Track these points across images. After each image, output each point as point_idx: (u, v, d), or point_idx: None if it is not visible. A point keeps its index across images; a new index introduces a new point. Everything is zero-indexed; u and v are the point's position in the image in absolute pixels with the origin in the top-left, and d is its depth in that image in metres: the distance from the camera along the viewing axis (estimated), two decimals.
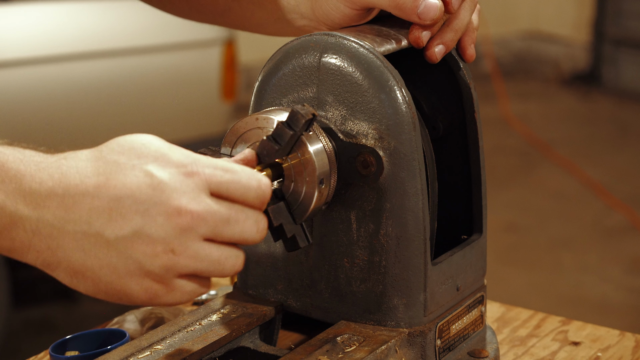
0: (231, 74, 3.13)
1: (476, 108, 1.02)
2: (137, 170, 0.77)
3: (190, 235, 0.77)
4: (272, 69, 0.97)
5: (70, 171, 0.77)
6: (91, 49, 2.88)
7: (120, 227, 0.76)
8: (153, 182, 0.77)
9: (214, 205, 0.78)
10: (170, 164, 0.78)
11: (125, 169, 0.77)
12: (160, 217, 0.76)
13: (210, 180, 0.78)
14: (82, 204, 0.76)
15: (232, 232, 0.79)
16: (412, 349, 0.95)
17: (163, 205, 0.76)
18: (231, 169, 0.80)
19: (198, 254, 0.78)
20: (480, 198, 1.04)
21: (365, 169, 0.93)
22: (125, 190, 0.76)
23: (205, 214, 0.77)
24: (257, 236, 0.81)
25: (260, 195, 0.80)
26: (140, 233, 0.76)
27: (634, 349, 1.10)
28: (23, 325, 3.08)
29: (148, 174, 0.77)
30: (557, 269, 3.65)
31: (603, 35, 5.98)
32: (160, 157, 0.78)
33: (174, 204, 0.76)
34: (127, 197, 0.76)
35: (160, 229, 0.76)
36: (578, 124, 5.43)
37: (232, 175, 0.79)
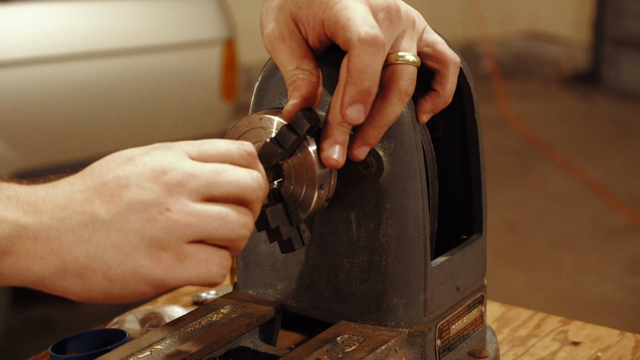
0: (231, 74, 3.13)
1: (476, 108, 1.02)
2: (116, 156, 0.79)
3: (181, 191, 0.76)
4: (272, 69, 0.97)
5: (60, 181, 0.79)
6: (91, 49, 2.89)
7: (113, 205, 0.76)
8: (132, 156, 0.78)
9: (200, 164, 0.78)
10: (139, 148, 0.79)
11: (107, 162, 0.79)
12: (147, 182, 0.76)
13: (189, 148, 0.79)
14: (74, 200, 0.77)
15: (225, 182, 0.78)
16: (412, 349, 0.95)
17: (146, 171, 0.77)
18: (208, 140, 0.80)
19: (196, 210, 0.76)
20: (480, 198, 1.04)
21: (365, 169, 0.93)
22: (109, 175, 0.77)
23: (191, 169, 0.77)
24: (254, 183, 0.79)
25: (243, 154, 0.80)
26: (132, 203, 0.76)
27: (634, 349, 1.10)
28: (23, 325, 3.08)
29: (125, 157, 0.78)
30: (557, 269, 3.65)
31: (603, 35, 5.98)
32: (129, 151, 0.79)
33: (158, 166, 0.77)
34: (111, 178, 0.77)
35: (150, 192, 0.76)
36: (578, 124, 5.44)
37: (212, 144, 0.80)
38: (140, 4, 3.06)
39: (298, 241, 0.89)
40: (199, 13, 3.11)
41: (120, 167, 0.78)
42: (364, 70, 0.84)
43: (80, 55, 2.87)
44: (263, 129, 0.89)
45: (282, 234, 0.88)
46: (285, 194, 0.90)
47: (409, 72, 0.88)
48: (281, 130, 0.86)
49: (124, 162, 0.78)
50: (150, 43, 3.00)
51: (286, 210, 0.89)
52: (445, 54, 0.93)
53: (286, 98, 0.96)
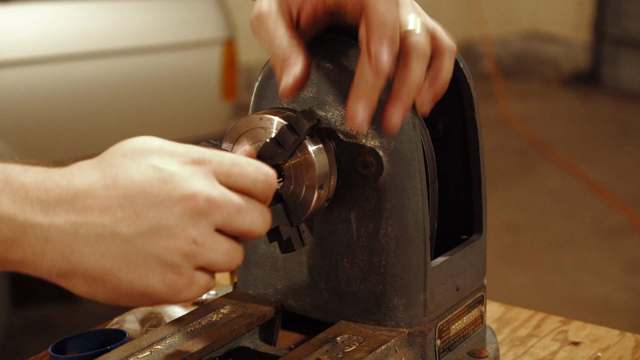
0: (231, 74, 3.13)
1: (476, 108, 1.02)
2: (144, 167, 0.76)
3: (206, 221, 0.76)
4: (272, 69, 0.97)
5: (75, 178, 0.76)
6: (91, 49, 2.89)
7: (137, 225, 0.75)
8: (163, 175, 0.76)
9: (227, 192, 0.77)
10: (175, 155, 0.77)
11: (131, 168, 0.76)
12: (176, 208, 0.75)
13: (219, 170, 0.78)
14: (92, 207, 0.75)
15: (242, 222, 0.78)
16: (412, 349, 0.95)
17: (176, 194, 0.75)
18: (238, 161, 0.79)
19: (214, 244, 0.77)
20: (480, 198, 1.04)
21: (365, 169, 0.93)
22: (134, 188, 0.75)
23: (220, 200, 0.76)
24: (262, 228, 0.80)
25: (266, 189, 0.80)
26: (158, 227, 0.75)
27: (634, 349, 1.10)
28: (23, 325, 3.08)
29: (156, 168, 0.76)
30: (557, 268, 3.65)
31: (603, 35, 5.98)
32: (164, 152, 0.77)
33: (189, 190, 0.75)
34: (137, 193, 0.75)
35: (177, 219, 0.75)
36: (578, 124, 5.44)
37: (240, 168, 0.79)
38: (140, 4, 3.07)
39: (298, 241, 0.89)
40: (199, 13, 3.11)
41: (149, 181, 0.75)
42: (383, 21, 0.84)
43: (80, 55, 2.87)
44: (263, 129, 0.89)
45: (282, 234, 0.88)
46: (285, 194, 0.90)
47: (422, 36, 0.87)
48: (281, 130, 0.86)
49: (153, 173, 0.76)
50: (150, 43, 3.00)
51: (286, 210, 0.89)
52: (442, 40, 0.92)
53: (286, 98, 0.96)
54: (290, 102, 0.96)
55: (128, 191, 0.75)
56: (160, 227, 0.75)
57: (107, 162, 0.77)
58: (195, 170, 0.77)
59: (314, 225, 0.97)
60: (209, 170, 0.77)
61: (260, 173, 0.80)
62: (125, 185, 0.75)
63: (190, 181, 0.76)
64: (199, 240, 0.76)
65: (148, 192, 0.75)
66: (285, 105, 0.96)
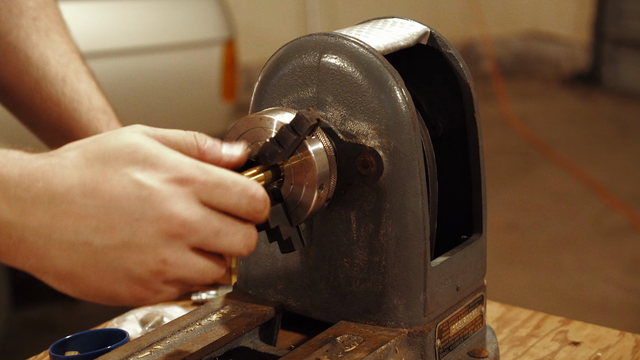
0: (231, 74, 3.13)
1: (476, 108, 1.02)
2: (126, 181, 0.75)
3: (180, 243, 0.76)
4: (272, 69, 0.97)
5: (55, 179, 0.76)
6: (91, 49, 2.88)
7: (109, 237, 0.75)
8: (142, 193, 0.75)
9: (206, 216, 0.77)
10: (160, 170, 0.76)
11: (112, 178, 0.76)
12: (150, 227, 0.75)
13: (202, 191, 0.77)
14: (68, 213, 0.75)
15: (220, 244, 0.78)
16: (412, 349, 0.95)
17: (153, 214, 0.75)
18: (223, 182, 0.78)
19: (187, 263, 0.77)
20: (480, 198, 1.04)
21: (365, 169, 0.93)
22: (113, 202, 0.75)
23: (196, 224, 0.76)
24: (244, 250, 0.80)
25: (250, 211, 0.79)
26: (130, 243, 0.75)
27: (634, 349, 1.10)
28: (23, 325, 3.08)
29: (137, 183, 0.75)
30: (557, 268, 3.65)
31: (603, 35, 5.98)
32: (150, 164, 0.76)
33: (166, 212, 0.75)
34: (115, 208, 0.75)
35: (150, 239, 0.75)
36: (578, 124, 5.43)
37: (224, 189, 0.78)
38: (141, 4, 3.06)
39: (298, 241, 0.89)
40: (199, 13, 3.11)
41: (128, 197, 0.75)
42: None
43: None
44: (263, 129, 0.89)
45: (282, 234, 0.88)
46: (285, 194, 0.90)
47: None
48: (281, 130, 0.86)
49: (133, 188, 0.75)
50: (150, 43, 3.00)
51: (286, 210, 0.89)
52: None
53: (286, 98, 0.96)
54: (290, 102, 0.96)
55: (105, 203, 0.75)
56: (132, 243, 0.75)
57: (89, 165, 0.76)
58: (177, 191, 0.76)
59: (314, 225, 0.97)
60: (191, 191, 0.77)
61: (244, 196, 0.78)
62: (104, 197, 0.75)
63: (169, 202, 0.75)
64: (170, 260, 0.76)
65: (125, 207, 0.75)
66: (285, 105, 0.96)
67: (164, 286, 0.78)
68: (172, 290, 0.79)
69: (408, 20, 1.03)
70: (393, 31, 1.00)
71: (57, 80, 1.26)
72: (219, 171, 0.78)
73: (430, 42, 1.02)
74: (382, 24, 1.02)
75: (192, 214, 0.76)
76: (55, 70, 1.27)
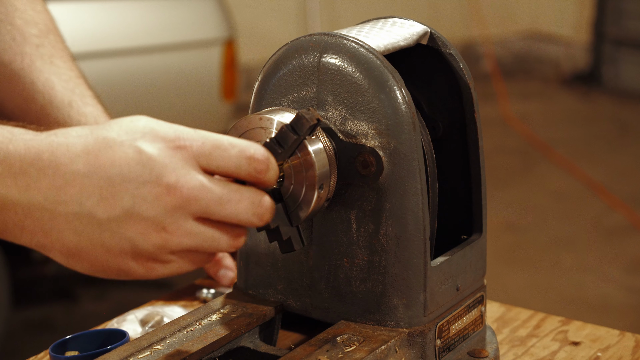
0: (231, 74, 3.13)
1: (476, 108, 1.02)
2: (126, 146, 0.76)
3: (181, 213, 0.76)
4: (272, 69, 0.97)
5: (60, 149, 0.77)
6: (91, 49, 2.89)
7: (112, 207, 0.76)
8: (142, 158, 0.76)
9: (206, 183, 0.76)
10: (158, 138, 0.77)
11: (114, 145, 0.77)
12: (150, 196, 0.75)
13: (200, 154, 0.77)
14: (72, 183, 0.76)
15: (225, 212, 0.77)
16: (412, 349, 0.95)
17: (153, 183, 0.76)
18: (220, 144, 0.78)
19: (191, 231, 0.77)
20: (480, 198, 1.04)
21: (365, 169, 0.93)
22: (114, 169, 0.76)
23: (196, 192, 0.76)
24: (254, 219, 0.79)
25: (252, 172, 0.78)
26: (132, 212, 0.76)
27: (634, 349, 1.10)
28: (23, 325, 3.08)
29: (137, 149, 0.76)
30: (557, 268, 3.65)
31: (603, 35, 5.98)
32: (148, 131, 0.77)
33: (164, 182, 0.75)
34: (116, 175, 0.76)
35: (150, 208, 0.76)
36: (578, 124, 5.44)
37: (222, 151, 0.78)
38: (140, 4, 3.06)
39: (298, 241, 0.89)
40: (199, 13, 3.11)
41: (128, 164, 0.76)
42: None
43: (80, 55, 2.86)
44: (263, 129, 0.89)
45: (282, 234, 0.88)
46: (285, 194, 0.90)
47: None
48: (281, 130, 0.86)
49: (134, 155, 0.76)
50: (150, 43, 3.00)
51: (286, 210, 0.89)
52: None
53: (286, 98, 0.96)
54: (291, 102, 0.96)
55: (108, 171, 0.76)
56: (134, 212, 0.76)
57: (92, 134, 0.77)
58: (175, 157, 0.76)
59: (314, 225, 0.97)
60: (190, 156, 0.77)
61: (243, 157, 0.78)
62: (105, 164, 0.76)
63: (167, 169, 0.76)
64: (170, 228, 0.76)
65: (125, 174, 0.76)
66: (285, 105, 0.96)
67: (172, 257, 0.78)
68: (182, 262, 0.78)
69: (408, 20, 1.03)
70: (393, 31, 1.00)
71: (64, 105, 1.28)
72: (216, 135, 0.79)
73: (430, 42, 1.02)
74: (382, 24, 1.02)
75: (191, 180, 0.76)
76: (62, 95, 1.28)
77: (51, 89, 1.28)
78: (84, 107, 1.28)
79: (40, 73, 1.28)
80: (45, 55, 1.29)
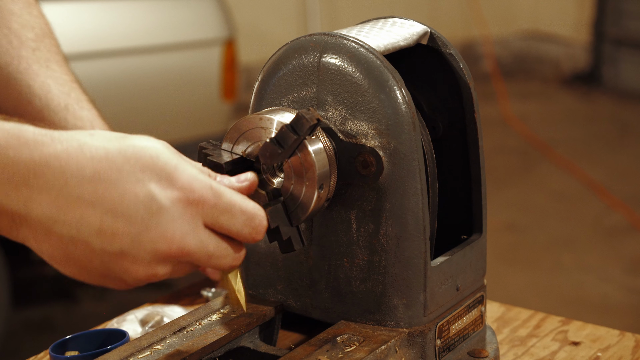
0: (231, 74, 3.13)
1: (476, 108, 1.02)
2: (139, 188, 0.76)
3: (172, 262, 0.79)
4: (272, 69, 0.97)
5: (70, 166, 0.75)
6: (91, 49, 2.88)
7: (109, 243, 0.76)
8: (152, 205, 0.76)
9: (205, 240, 0.79)
10: (173, 185, 0.77)
11: (127, 182, 0.76)
12: (150, 245, 0.77)
13: (209, 214, 0.79)
14: (75, 207, 0.76)
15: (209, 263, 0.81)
16: (412, 349, 0.95)
17: (156, 234, 0.77)
18: (231, 209, 0.80)
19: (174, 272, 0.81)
20: (480, 198, 1.04)
21: (365, 169, 0.93)
22: (122, 207, 0.76)
23: (193, 249, 0.79)
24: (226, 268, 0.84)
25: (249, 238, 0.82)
26: (127, 253, 0.77)
27: (634, 349, 1.10)
28: (23, 325, 3.08)
29: (149, 194, 0.76)
30: (557, 268, 3.65)
31: (603, 35, 5.98)
32: (165, 176, 0.77)
33: (168, 235, 0.77)
34: (122, 214, 0.76)
35: (147, 255, 0.77)
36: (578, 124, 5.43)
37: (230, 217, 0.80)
38: (140, 4, 3.06)
39: (298, 241, 0.89)
40: (199, 13, 3.11)
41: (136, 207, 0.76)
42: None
43: (80, 55, 2.87)
44: (263, 129, 0.89)
45: (282, 234, 0.88)
46: (285, 194, 0.90)
47: None
48: (281, 130, 0.86)
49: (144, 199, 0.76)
50: (150, 43, 3.00)
51: (286, 210, 0.89)
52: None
53: (286, 98, 0.96)
54: (291, 102, 0.96)
55: (114, 207, 0.76)
56: (129, 254, 0.77)
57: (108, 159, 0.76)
58: (184, 213, 0.77)
59: (314, 225, 0.97)
60: (199, 213, 0.78)
61: (248, 225, 0.81)
62: (113, 200, 0.76)
63: (174, 224, 0.77)
64: (160, 274, 0.79)
65: (132, 216, 0.76)
66: (285, 105, 0.96)
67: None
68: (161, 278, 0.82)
69: (408, 20, 1.03)
70: (393, 31, 1.00)
71: (60, 109, 1.28)
72: (229, 195, 0.80)
73: (430, 42, 1.02)
74: (382, 24, 1.02)
75: (192, 239, 0.78)
76: (58, 98, 1.29)
77: (48, 92, 1.28)
78: (80, 110, 1.29)
79: (37, 76, 1.28)
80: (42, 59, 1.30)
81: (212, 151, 0.89)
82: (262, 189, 0.91)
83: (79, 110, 1.29)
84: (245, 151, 0.90)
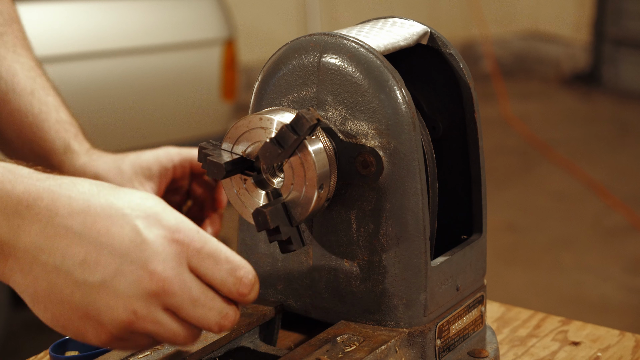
0: (231, 74, 3.13)
1: (476, 108, 1.02)
2: (125, 222, 0.76)
3: (155, 301, 0.76)
4: (272, 69, 0.97)
5: (61, 200, 0.77)
6: (91, 49, 2.89)
7: (91, 273, 0.76)
8: (136, 239, 0.76)
9: (189, 282, 0.77)
10: (159, 224, 0.77)
11: (115, 215, 0.76)
12: (131, 276, 0.76)
13: (193, 256, 0.77)
14: (62, 237, 0.76)
15: (194, 314, 0.78)
16: (412, 349, 0.95)
17: (138, 265, 0.75)
18: (216, 255, 0.78)
19: (158, 321, 0.77)
20: (480, 198, 1.04)
21: (365, 169, 0.93)
22: (107, 238, 0.76)
23: (176, 287, 0.76)
24: (214, 328, 0.79)
25: (234, 292, 0.79)
26: (108, 285, 0.76)
27: (634, 349, 1.10)
28: (23, 325, 3.08)
29: (135, 229, 0.76)
30: (557, 268, 3.65)
31: (603, 35, 5.98)
32: (152, 214, 0.77)
33: (150, 267, 0.76)
34: (106, 245, 0.76)
35: (127, 287, 0.76)
36: (578, 124, 5.44)
37: (214, 263, 0.78)
38: (140, 4, 3.07)
39: (298, 241, 0.89)
40: (199, 13, 3.11)
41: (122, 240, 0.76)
42: None
43: (80, 55, 2.87)
44: (263, 129, 0.89)
45: (282, 234, 0.88)
46: (285, 194, 0.90)
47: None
48: (281, 130, 0.86)
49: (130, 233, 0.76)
50: (150, 43, 3.00)
51: (286, 210, 0.89)
52: None
53: (286, 98, 0.96)
54: (291, 102, 0.96)
55: (100, 239, 0.76)
56: (110, 286, 0.76)
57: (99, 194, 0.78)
58: (169, 250, 0.76)
59: (314, 225, 0.97)
60: (183, 254, 0.77)
61: (232, 275, 0.78)
62: (100, 231, 0.76)
63: (157, 258, 0.76)
64: (140, 313, 0.76)
65: (116, 247, 0.76)
66: (285, 105, 0.96)
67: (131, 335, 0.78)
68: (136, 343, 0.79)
69: (408, 20, 1.03)
70: (393, 31, 1.00)
71: (26, 93, 1.29)
72: (216, 243, 0.79)
73: (430, 42, 1.02)
74: (382, 24, 1.02)
75: (175, 276, 0.76)
76: (24, 83, 1.29)
77: (14, 75, 1.29)
78: (46, 96, 1.30)
79: (4, 60, 1.29)
80: (9, 43, 1.31)
81: (212, 151, 0.89)
82: (262, 189, 0.91)
83: (45, 97, 1.30)
84: (245, 151, 0.90)
